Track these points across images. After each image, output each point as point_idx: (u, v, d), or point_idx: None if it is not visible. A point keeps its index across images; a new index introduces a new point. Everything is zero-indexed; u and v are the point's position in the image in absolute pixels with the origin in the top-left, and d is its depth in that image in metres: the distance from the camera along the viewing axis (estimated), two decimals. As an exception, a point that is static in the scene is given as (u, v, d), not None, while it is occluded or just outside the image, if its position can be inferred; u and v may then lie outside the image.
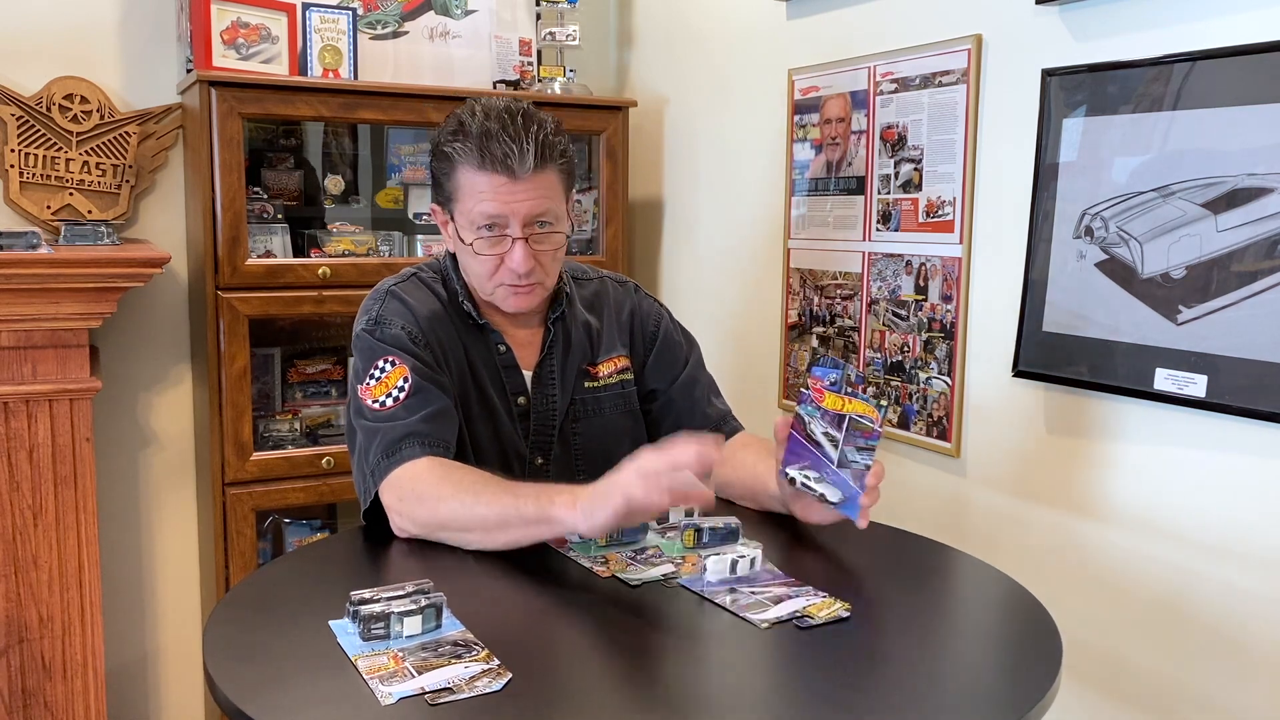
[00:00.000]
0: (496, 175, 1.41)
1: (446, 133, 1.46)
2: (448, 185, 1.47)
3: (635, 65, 2.85)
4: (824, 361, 1.37)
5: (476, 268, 1.48)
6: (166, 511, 2.49)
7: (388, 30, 2.43)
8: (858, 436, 1.30)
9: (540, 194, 1.43)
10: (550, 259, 1.49)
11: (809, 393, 1.34)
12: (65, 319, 1.90)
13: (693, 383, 1.65)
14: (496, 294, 1.50)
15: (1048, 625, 1.16)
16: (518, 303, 1.50)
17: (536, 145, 1.41)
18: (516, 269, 1.44)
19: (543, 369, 1.56)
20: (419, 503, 1.33)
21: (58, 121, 2.24)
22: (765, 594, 1.20)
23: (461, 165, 1.43)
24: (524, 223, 1.43)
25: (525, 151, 1.40)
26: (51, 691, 1.96)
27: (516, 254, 1.44)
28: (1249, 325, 1.40)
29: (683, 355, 1.66)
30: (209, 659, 1.03)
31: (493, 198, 1.42)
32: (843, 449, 1.30)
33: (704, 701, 0.98)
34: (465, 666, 0.99)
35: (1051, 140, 1.65)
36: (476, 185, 1.42)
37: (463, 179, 1.44)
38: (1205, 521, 1.51)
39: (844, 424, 1.30)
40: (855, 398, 1.30)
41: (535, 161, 1.41)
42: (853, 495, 1.30)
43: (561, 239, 1.49)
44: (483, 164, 1.41)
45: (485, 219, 1.43)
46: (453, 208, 1.48)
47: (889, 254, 2.00)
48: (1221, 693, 1.50)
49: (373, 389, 1.43)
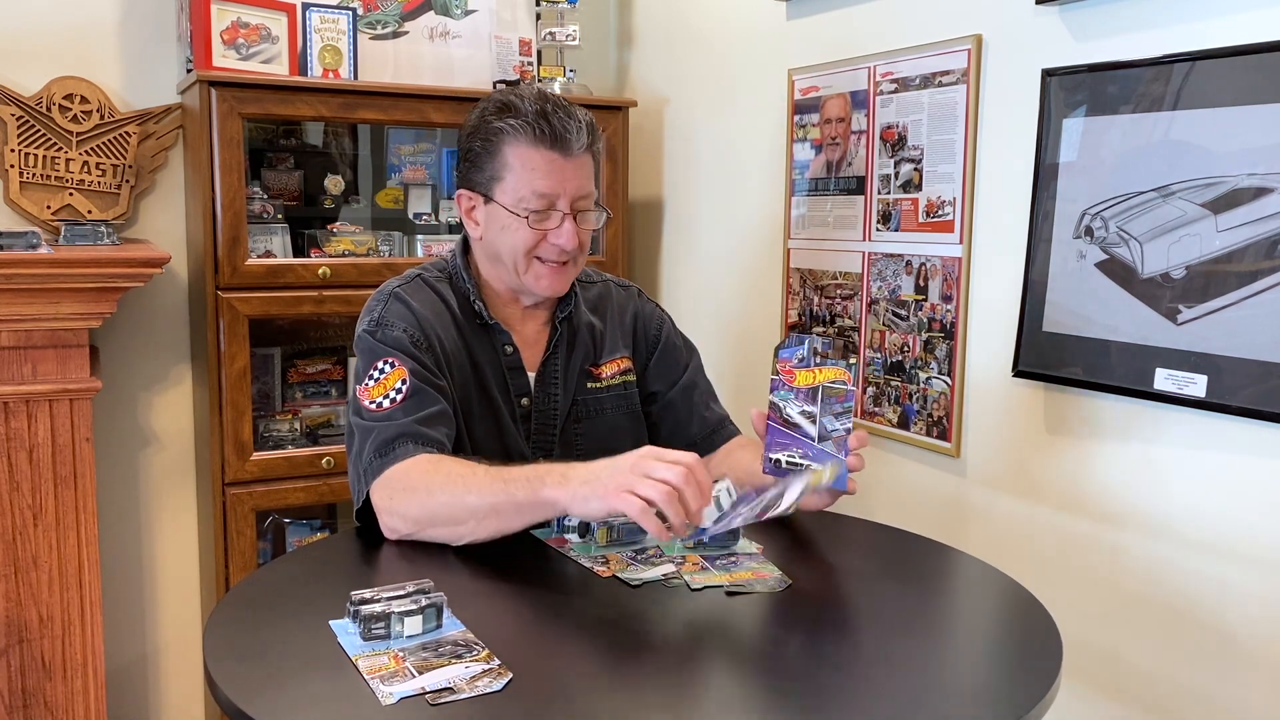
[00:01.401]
0: (552, 152, 1.44)
1: (491, 112, 1.48)
2: (491, 164, 1.48)
3: (635, 65, 2.85)
4: (788, 342, 1.37)
5: (516, 244, 1.49)
6: (166, 511, 2.49)
7: (388, 30, 2.43)
8: (833, 403, 1.31)
9: (586, 174, 1.49)
10: (588, 240, 1.53)
11: (779, 377, 1.36)
12: (65, 319, 1.90)
13: (692, 386, 1.66)
14: (529, 273, 1.51)
15: (1048, 625, 1.16)
16: (552, 281, 1.51)
17: (586, 126, 1.47)
18: (564, 245, 1.47)
19: (547, 368, 1.57)
20: (410, 497, 1.33)
21: (58, 121, 2.24)
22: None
23: (514, 141, 1.45)
24: (572, 200, 1.47)
25: (581, 130, 1.45)
26: (51, 691, 1.96)
27: (566, 229, 1.47)
28: (1249, 325, 1.40)
29: (683, 360, 1.67)
30: (209, 659, 1.03)
31: (547, 174, 1.45)
32: (820, 421, 1.31)
33: (705, 701, 0.98)
34: (466, 666, 0.99)
35: (1051, 140, 1.65)
36: (531, 160, 1.45)
37: (513, 155, 1.46)
38: (1205, 521, 1.51)
39: (818, 396, 1.31)
40: (824, 365, 1.31)
41: (587, 140, 1.46)
42: (839, 467, 1.31)
43: (599, 220, 1.53)
44: (539, 139, 1.44)
45: (538, 194, 1.45)
46: (494, 187, 1.48)
47: (889, 254, 2.00)
48: (1221, 693, 1.50)
49: (371, 390, 1.43)
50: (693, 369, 1.68)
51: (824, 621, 1.14)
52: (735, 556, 1.31)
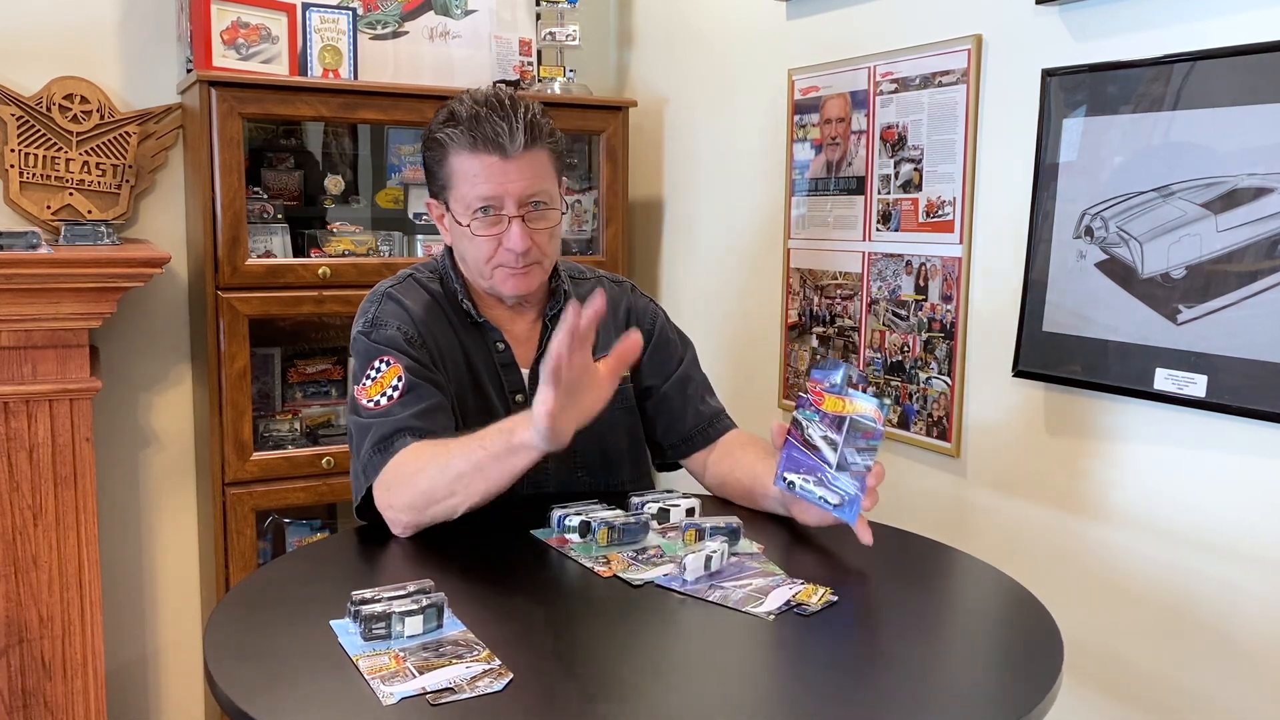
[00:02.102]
0: (489, 156, 1.43)
1: (437, 122, 1.48)
2: (441, 173, 1.49)
3: (635, 65, 2.85)
4: (823, 364, 1.35)
5: (474, 252, 1.49)
6: (166, 511, 2.49)
7: (388, 30, 2.43)
8: (858, 437, 1.29)
9: (532, 173, 1.45)
10: (546, 238, 1.50)
11: (807, 396, 1.33)
12: (65, 319, 1.90)
13: (686, 380, 1.66)
14: (495, 278, 1.51)
15: (1048, 625, 1.16)
16: (516, 285, 1.51)
17: (525, 124, 1.43)
18: (514, 248, 1.46)
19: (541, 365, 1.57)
20: (403, 485, 1.35)
21: (58, 121, 2.24)
22: (749, 586, 1.21)
23: (454, 150, 1.45)
24: (519, 202, 1.45)
25: (515, 130, 1.42)
26: (51, 691, 1.96)
27: (514, 233, 1.45)
28: (1249, 325, 1.40)
29: (677, 354, 1.67)
30: (210, 659, 1.03)
31: (486, 179, 1.44)
32: (842, 451, 1.29)
33: (705, 700, 0.98)
34: (467, 666, 0.99)
35: (1051, 140, 1.65)
36: (470, 168, 1.44)
37: (456, 164, 1.46)
38: (1205, 521, 1.51)
39: (844, 426, 1.29)
40: (856, 397, 1.29)
41: (526, 139, 1.43)
42: (852, 499, 1.30)
43: (557, 217, 1.51)
44: (475, 146, 1.43)
45: (480, 201, 1.45)
46: (448, 195, 1.49)
47: (889, 254, 2.00)
48: (1221, 693, 1.50)
49: (368, 389, 1.44)
50: (687, 362, 1.67)
51: (824, 621, 1.14)
52: (738, 558, 1.31)
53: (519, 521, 1.42)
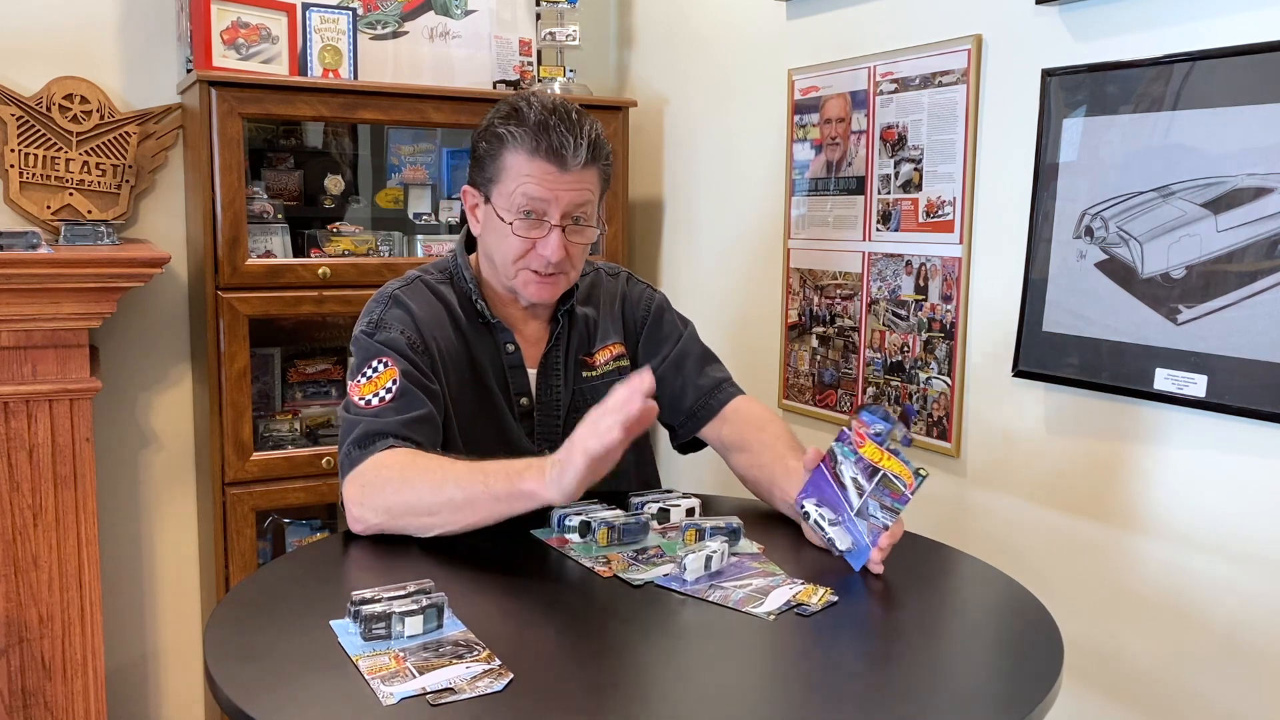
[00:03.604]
0: (547, 164, 1.45)
1: (500, 116, 1.49)
2: (492, 166, 1.49)
3: (635, 65, 2.85)
4: (875, 409, 1.31)
5: (505, 249, 1.50)
6: (166, 511, 2.49)
7: (388, 30, 2.43)
8: (885, 494, 1.26)
9: (583, 187, 1.48)
10: (579, 253, 1.52)
11: (849, 433, 1.31)
12: (65, 319, 1.90)
13: (683, 357, 1.65)
14: (518, 279, 1.51)
15: (1049, 625, 1.16)
16: (539, 291, 1.52)
17: (589, 142, 1.46)
18: (550, 256, 1.47)
19: (548, 361, 1.59)
20: (384, 488, 1.34)
21: (58, 121, 2.24)
22: (750, 586, 1.21)
23: (513, 148, 1.46)
24: (563, 213, 1.47)
25: (579, 146, 1.45)
26: (51, 691, 1.96)
27: (552, 241, 1.46)
28: (1249, 325, 1.40)
29: (674, 334, 1.67)
30: (210, 659, 1.03)
31: (539, 184, 1.45)
32: (866, 500, 1.27)
33: (705, 700, 0.98)
34: (467, 667, 0.99)
35: (1051, 140, 1.65)
36: (525, 169, 1.45)
37: (510, 161, 1.47)
38: (1205, 521, 1.51)
39: (875, 477, 1.27)
40: (896, 457, 1.25)
41: (586, 156, 1.46)
42: (862, 549, 1.29)
43: (593, 235, 1.53)
44: (536, 150, 1.45)
45: (528, 202, 1.46)
46: (492, 188, 1.50)
47: (889, 254, 2.00)
48: (1221, 693, 1.50)
49: (362, 386, 1.45)
50: (685, 340, 1.67)
51: (824, 622, 1.14)
52: (739, 558, 1.31)
53: (519, 521, 1.42)
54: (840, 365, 2.13)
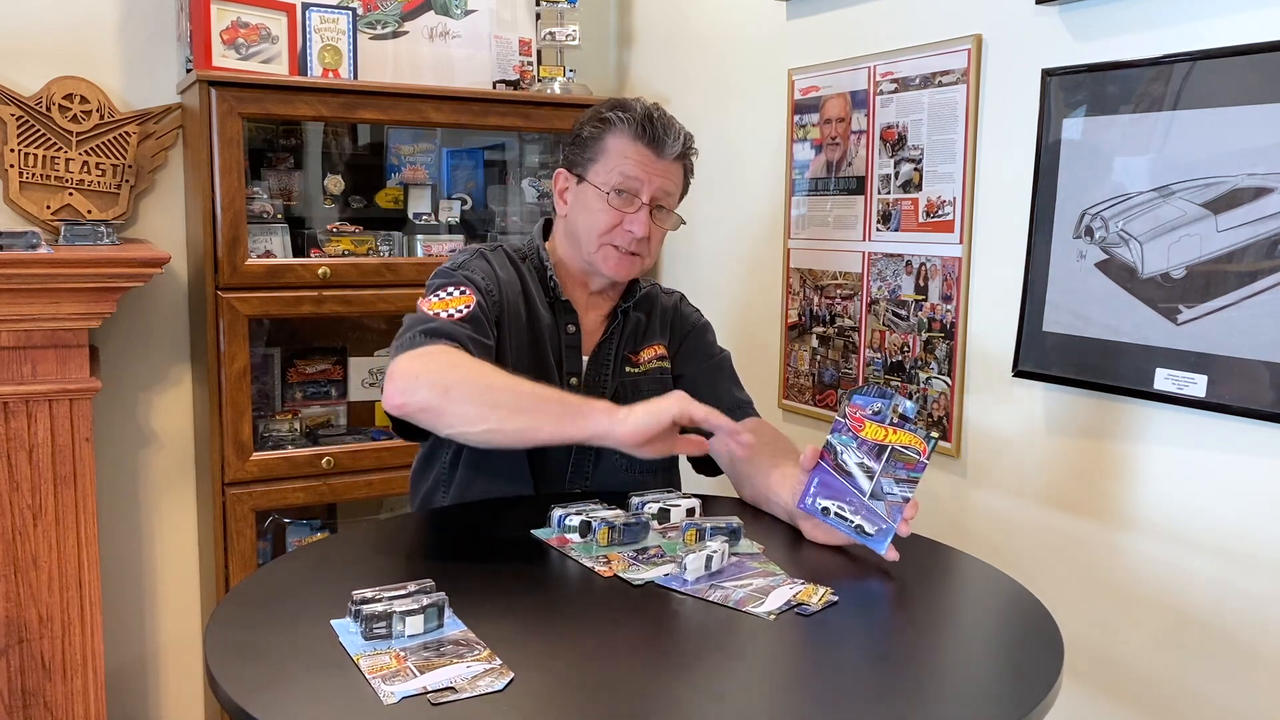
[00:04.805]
0: (647, 149, 1.60)
1: (607, 106, 1.64)
2: (594, 147, 1.62)
3: (635, 65, 2.85)
4: (866, 390, 1.32)
5: (594, 223, 1.61)
6: (166, 511, 2.49)
7: (388, 30, 2.43)
8: (899, 468, 1.27)
9: (672, 177, 1.64)
10: (658, 239, 1.66)
11: (844, 421, 1.31)
12: (65, 319, 1.90)
13: (716, 372, 1.76)
14: (599, 254, 1.62)
15: (1049, 625, 1.16)
16: (618, 267, 1.63)
17: (683, 140, 1.64)
18: (636, 231, 1.60)
19: (601, 351, 1.68)
20: (451, 368, 1.37)
21: (57, 121, 2.24)
22: (750, 586, 1.21)
23: (618, 131, 1.61)
24: (652, 195, 1.61)
25: (675, 140, 1.62)
26: (51, 691, 1.96)
27: (640, 216, 1.60)
28: (1249, 325, 1.40)
29: (713, 351, 1.80)
30: (211, 658, 1.03)
31: (638, 164, 1.60)
32: (879, 480, 1.27)
33: (705, 700, 0.98)
34: (467, 666, 0.99)
35: (1051, 140, 1.65)
36: (627, 150, 1.60)
37: (614, 143, 1.61)
38: (1205, 521, 1.51)
39: (884, 455, 1.27)
40: (902, 428, 1.25)
41: (679, 150, 1.63)
42: (886, 529, 1.29)
43: (674, 222, 1.67)
44: (639, 135, 1.60)
45: (624, 179, 1.59)
46: (591, 168, 1.62)
47: (889, 254, 2.00)
48: (1221, 693, 1.50)
49: (434, 303, 1.51)
50: (721, 359, 1.79)
51: (824, 622, 1.14)
52: (739, 558, 1.31)
53: (519, 521, 1.42)
54: (840, 365, 2.13)
